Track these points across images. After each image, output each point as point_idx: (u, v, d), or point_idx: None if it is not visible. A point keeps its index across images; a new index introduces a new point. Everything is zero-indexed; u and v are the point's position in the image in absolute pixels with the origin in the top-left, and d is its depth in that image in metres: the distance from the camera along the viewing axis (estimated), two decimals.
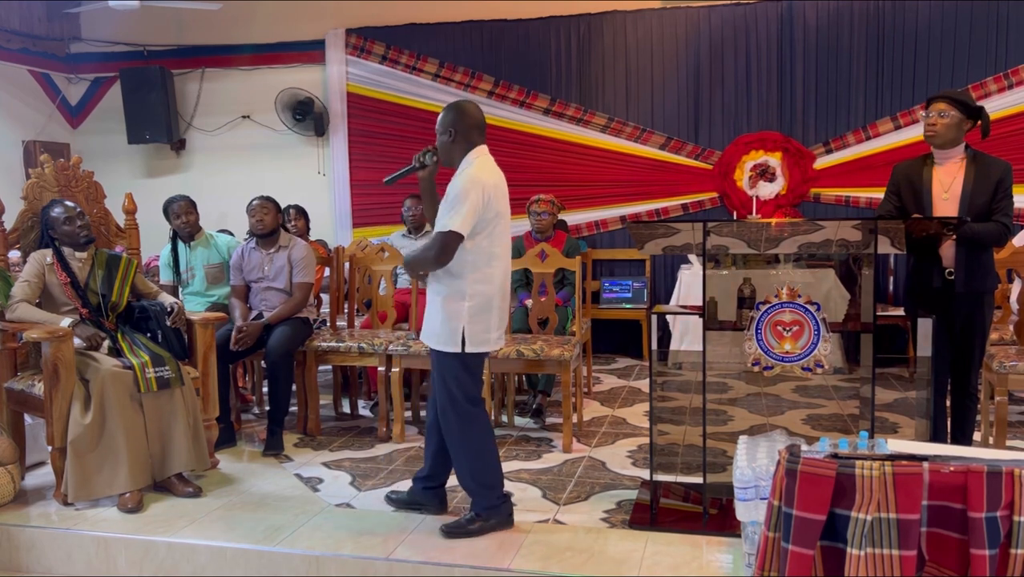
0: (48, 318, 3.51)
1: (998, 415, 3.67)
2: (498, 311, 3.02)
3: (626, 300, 6.37)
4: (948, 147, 3.24)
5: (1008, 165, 3.24)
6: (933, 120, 3.21)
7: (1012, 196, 3.23)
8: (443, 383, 3.04)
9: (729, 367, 5.22)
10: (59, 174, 3.89)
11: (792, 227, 3.10)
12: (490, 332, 3.01)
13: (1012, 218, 3.23)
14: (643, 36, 6.36)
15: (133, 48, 7.22)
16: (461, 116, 3.02)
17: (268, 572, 2.96)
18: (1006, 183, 3.20)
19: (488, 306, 2.98)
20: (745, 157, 6.25)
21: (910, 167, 3.36)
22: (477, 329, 2.97)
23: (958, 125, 3.20)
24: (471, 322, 2.95)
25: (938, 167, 3.28)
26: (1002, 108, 5.74)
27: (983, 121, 3.23)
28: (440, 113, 3.06)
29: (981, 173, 3.20)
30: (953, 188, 3.22)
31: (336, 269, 4.88)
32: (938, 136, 3.22)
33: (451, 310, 2.96)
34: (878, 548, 1.83)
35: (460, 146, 3.01)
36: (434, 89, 6.66)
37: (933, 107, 3.22)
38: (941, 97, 3.23)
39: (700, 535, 2.98)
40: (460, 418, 3.03)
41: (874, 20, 5.96)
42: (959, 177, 3.23)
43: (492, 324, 3.01)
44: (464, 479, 3.09)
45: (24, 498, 3.50)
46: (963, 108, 3.20)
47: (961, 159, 3.25)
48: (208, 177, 7.14)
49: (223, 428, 4.04)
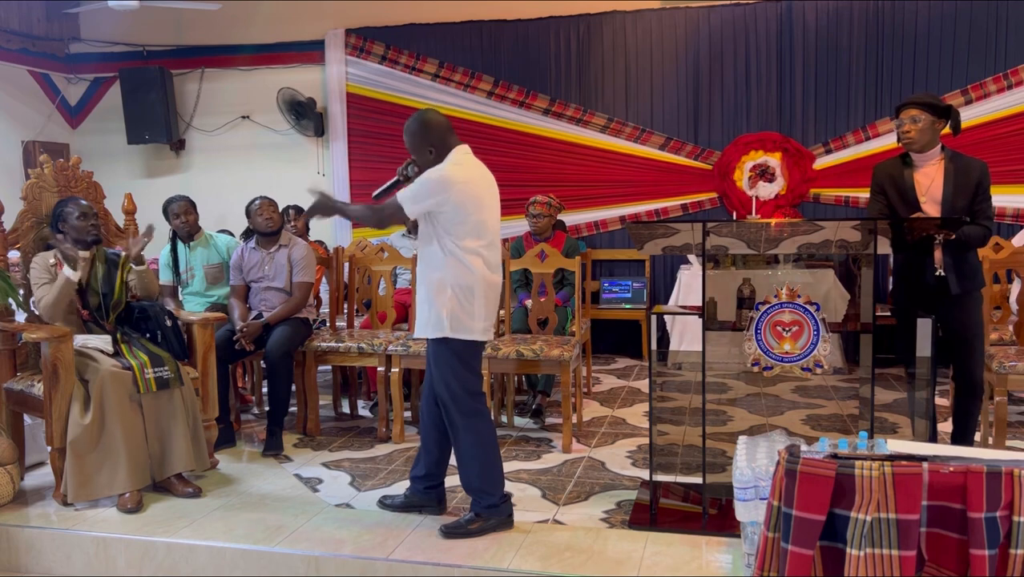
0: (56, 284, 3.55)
1: (997, 415, 3.67)
2: (482, 300, 3.02)
3: (626, 300, 6.37)
4: (925, 150, 3.28)
5: (985, 165, 3.28)
6: (907, 127, 3.26)
7: (991, 197, 3.28)
8: (441, 377, 3.04)
9: (729, 367, 5.21)
10: (58, 174, 3.89)
11: (792, 227, 3.11)
12: (474, 320, 3.00)
13: (992, 219, 3.30)
14: (643, 36, 6.36)
15: (132, 48, 7.22)
16: (429, 128, 3.04)
17: (268, 572, 2.96)
18: (984, 184, 3.25)
19: (470, 294, 2.98)
20: (745, 157, 6.26)
21: (890, 167, 3.40)
22: (462, 315, 2.98)
23: (931, 127, 3.25)
24: (455, 307, 2.97)
25: (917, 170, 3.31)
26: (1002, 108, 5.75)
27: (953, 120, 3.27)
28: (406, 135, 3.08)
29: (960, 174, 3.25)
30: (932, 191, 3.26)
31: (336, 269, 4.87)
32: (915, 141, 3.26)
33: (436, 298, 3.00)
34: (878, 548, 1.83)
35: (439, 156, 3.03)
36: (434, 89, 6.66)
37: (904, 115, 3.28)
38: (909, 104, 3.29)
39: (700, 535, 2.98)
40: (464, 415, 3.02)
41: (874, 20, 5.96)
42: (937, 180, 3.27)
43: (476, 312, 3.00)
44: (468, 479, 3.08)
45: (23, 498, 3.49)
46: (933, 110, 3.24)
47: (939, 160, 3.29)
48: (208, 177, 7.14)
49: (222, 428, 4.03)
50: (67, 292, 3.57)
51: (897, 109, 3.34)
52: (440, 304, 2.98)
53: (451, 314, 2.97)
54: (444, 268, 2.99)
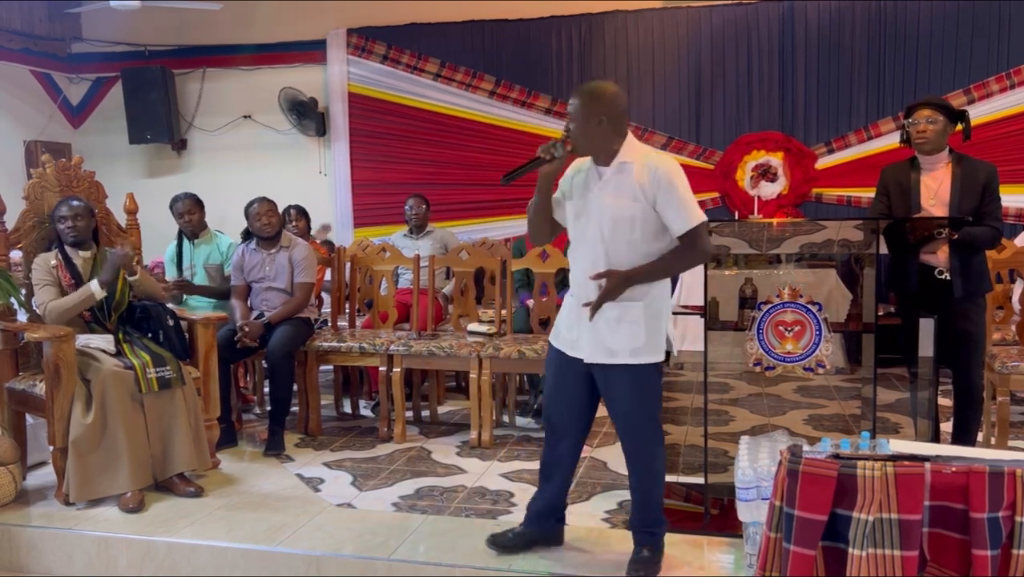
0: (77, 293, 3.55)
1: (1000, 415, 3.66)
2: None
3: None
4: (936, 152, 3.25)
5: (994, 167, 3.25)
6: (923, 127, 3.21)
7: (999, 198, 3.24)
8: (648, 403, 2.67)
9: (731, 367, 5.21)
10: (60, 174, 3.89)
11: (794, 227, 3.10)
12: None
13: (1001, 220, 3.25)
14: (644, 36, 6.35)
15: (134, 48, 7.22)
16: (615, 101, 2.59)
17: (269, 572, 2.95)
18: (992, 186, 3.21)
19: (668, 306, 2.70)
20: (747, 157, 6.25)
21: (898, 170, 3.37)
22: (672, 330, 2.70)
23: (944, 130, 3.22)
24: (668, 324, 2.67)
25: (925, 173, 3.28)
26: (1004, 108, 5.74)
27: (965, 124, 3.24)
28: (576, 99, 2.60)
29: (967, 176, 3.21)
30: (940, 194, 3.23)
31: (337, 269, 4.87)
32: (928, 142, 3.22)
33: (653, 315, 2.62)
34: (880, 548, 1.83)
35: (610, 134, 2.59)
36: (435, 89, 6.66)
37: (919, 114, 3.23)
38: (924, 104, 3.25)
39: (701, 535, 2.97)
40: (658, 438, 2.72)
41: (875, 20, 5.95)
42: (945, 183, 3.24)
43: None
44: (652, 510, 2.74)
45: (25, 498, 3.50)
46: (947, 113, 3.22)
47: (947, 163, 3.26)
48: (209, 177, 7.13)
49: (224, 428, 4.04)
50: (84, 305, 3.58)
51: (909, 108, 3.28)
52: (659, 322, 2.63)
53: (670, 332, 2.66)
54: (663, 282, 2.65)
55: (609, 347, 2.62)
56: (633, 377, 2.62)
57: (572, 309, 2.74)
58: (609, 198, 2.59)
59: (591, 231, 2.63)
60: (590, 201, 2.64)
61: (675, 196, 2.53)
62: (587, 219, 2.65)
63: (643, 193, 2.54)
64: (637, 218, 2.56)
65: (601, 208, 2.60)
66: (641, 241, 2.57)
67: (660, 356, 2.64)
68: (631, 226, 2.57)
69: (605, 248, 2.60)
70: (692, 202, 2.55)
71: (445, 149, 6.64)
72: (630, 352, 2.60)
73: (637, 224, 2.56)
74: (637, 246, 2.57)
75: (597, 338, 2.63)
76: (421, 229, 5.49)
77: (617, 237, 2.58)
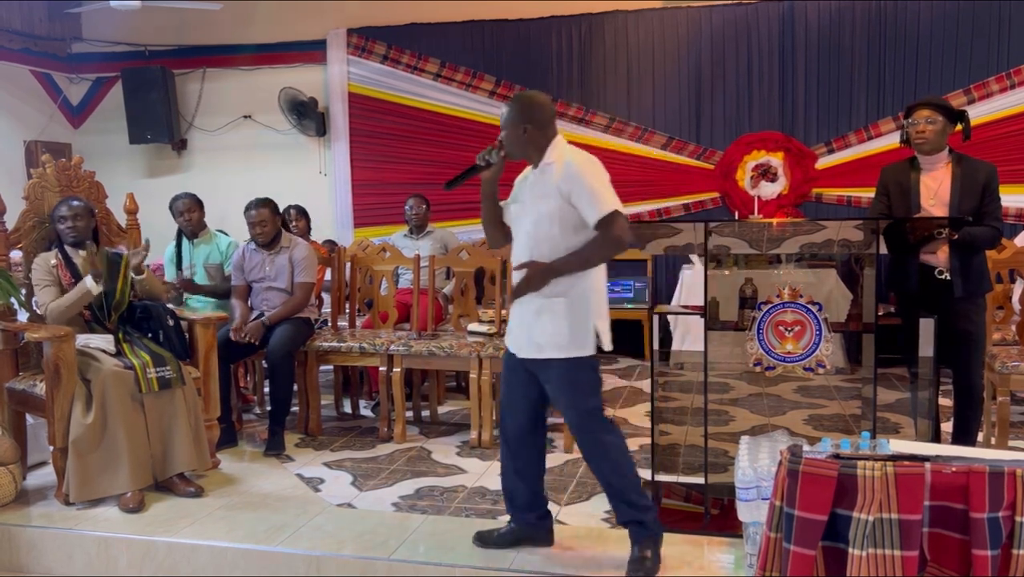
0: (73, 292, 3.56)
1: (1000, 415, 3.66)
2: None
3: (628, 300, 6.36)
4: (935, 152, 3.25)
5: (993, 167, 3.24)
6: (923, 128, 3.21)
7: (999, 198, 3.24)
8: (581, 397, 2.70)
9: (731, 367, 5.21)
10: (60, 174, 3.89)
11: (794, 227, 3.10)
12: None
13: (1001, 220, 3.25)
14: (644, 36, 6.36)
15: (134, 48, 7.23)
16: (539, 109, 2.71)
17: (269, 572, 2.95)
18: (992, 186, 3.21)
19: (600, 298, 2.74)
20: (747, 157, 6.25)
21: (898, 171, 3.37)
22: (602, 325, 2.72)
23: (943, 130, 3.22)
24: (597, 317, 2.70)
25: (925, 173, 3.28)
26: (1004, 108, 5.74)
27: (964, 125, 3.24)
28: (506, 108, 2.74)
29: (967, 176, 3.21)
30: (940, 194, 3.23)
31: (337, 269, 4.88)
32: (928, 143, 3.22)
33: (578, 309, 2.67)
34: (880, 548, 1.83)
35: (537, 139, 2.72)
36: (435, 89, 6.66)
37: (918, 115, 3.23)
38: (924, 104, 3.24)
39: (701, 535, 2.97)
40: (604, 429, 2.72)
41: (876, 19, 5.96)
42: (945, 183, 3.23)
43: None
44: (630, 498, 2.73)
45: (25, 498, 3.50)
46: (947, 113, 3.21)
47: (947, 164, 3.26)
48: (209, 177, 7.13)
49: (224, 428, 4.04)
50: (83, 302, 3.58)
51: (909, 108, 3.28)
52: (585, 316, 2.67)
53: (595, 326, 2.68)
54: (589, 273, 2.69)
55: (537, 341, 2.70)
56: (565, 371, 2.69)
57: (514, 308, 2.81)
58: (535, 198, 2.72)
59: (522, 230, 2.75)
60: (524, 202, 2.77)
61: (585, 188, 2.62)
62: (521, 219, 2.77)
63: (558, 190, 2.65)
64: (555, 214, 2.65)
65: (528, 208, 2.73)
66: (561, 236, 2.65)
67: (588, 350, 2.68)
68: (551, 222, 2.66)
69: (532, 245, 2.70)
70: (604, 192, 2.63)
71: (445, 149, 6.64)
72: (555, 346, 2.67)
73: (556, 220, 2.65)
74: (558, 241, 2.66)
75: (525, 333, 2.73)
76: (421, 229, 5.49)
77: (540, 234, 2.68)
